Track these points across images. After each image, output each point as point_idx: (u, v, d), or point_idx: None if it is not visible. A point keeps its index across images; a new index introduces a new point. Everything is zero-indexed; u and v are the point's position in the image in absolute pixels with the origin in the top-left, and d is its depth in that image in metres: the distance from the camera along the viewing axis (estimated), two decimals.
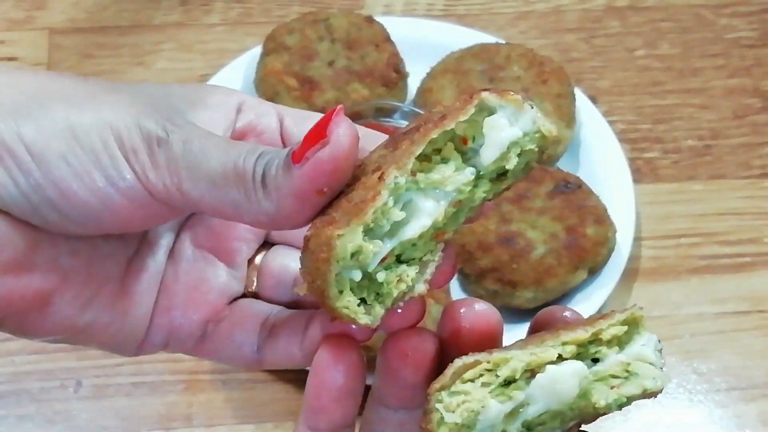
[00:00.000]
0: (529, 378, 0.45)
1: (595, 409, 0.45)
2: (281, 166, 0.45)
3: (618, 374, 0.46)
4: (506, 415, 0.45)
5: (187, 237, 0.54)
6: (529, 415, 0.45)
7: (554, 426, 0.46)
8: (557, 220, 0.90)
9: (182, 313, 0.53)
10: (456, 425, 0.45)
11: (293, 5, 1.17)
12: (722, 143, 1.07)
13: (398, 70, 1.01)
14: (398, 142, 0.46)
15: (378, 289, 0.45)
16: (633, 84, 1.12)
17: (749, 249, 0.99)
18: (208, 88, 0.54)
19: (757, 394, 0.90)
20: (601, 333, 0.46)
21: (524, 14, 1.18)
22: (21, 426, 0.88)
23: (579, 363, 0.46)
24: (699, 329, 0.94)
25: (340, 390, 0.48)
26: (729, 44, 1.16)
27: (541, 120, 0.47)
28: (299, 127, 0.54)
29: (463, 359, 0.46)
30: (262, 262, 0.56)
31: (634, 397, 0.46)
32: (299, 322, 0.53)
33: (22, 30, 1.12)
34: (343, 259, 0.44)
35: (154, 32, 1.13)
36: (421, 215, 0.45)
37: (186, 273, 0.54)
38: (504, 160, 0.46)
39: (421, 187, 0.45)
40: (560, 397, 0.45)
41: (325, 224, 0.45)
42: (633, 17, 1.18)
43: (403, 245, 0.45)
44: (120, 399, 0.89)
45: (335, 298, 0.44)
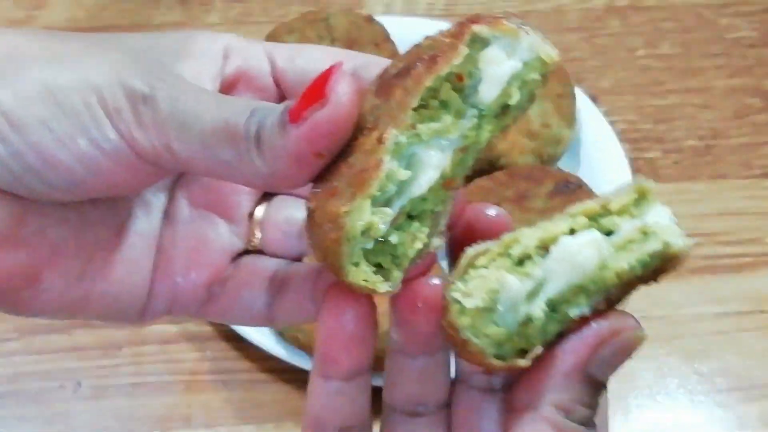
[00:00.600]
0: (545, 254, 0.43)
1: (619, 277, 0.43)
2: (276, 124, 0.42)
3: (636, 239, 0.44)
4: (528, 295, 0.43)
5: (182, 196, 0.52)
6: (551, 293, 0.43)
7: (580, 303, 0.44)
8: None
9: (184, 277, 0.51)
10: (477, 310, 0.43)
11: (293, 4, 1.17)
12: (723, 143, 1.07)
13: None
14: (391, 89, 0.43)
15: (393, 251, 0.43)
16: (634, 84, 1.12)
17: (750, 249, 0.99)
18: (192, 35, 0.51)
19: (759, 394, 0.90)
20: (609, 203, 0.44)
21: (525, 14, 1.18)
22: (20, 427, 0.88)
23: (594, 231, 0.44)
24: (700, 329, 0.94)
25: (350, 338, 0.46)
26: (730, 44, 1.16)
27: (541, 45, 0.43)
28: (292, 65, 0.51)
29: (474, 247, 0.44)
30: (263, 215, 0.53)
31: (657, 255, 0.43)
32: (308, 274, 0.50)
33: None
34: (353, 237, 0.41)
35: (154, 31, 1.13)
36: (427, 169, 0.43)
37: (185, 234, 0.51)
38: (506, 95, 0.44)
39: (424, 139, 0.42)
40: (580, 268, 0.43)
41: (327, 195, 0.42)
42: (634, 17, 1.18)
43: (412, 202, 0.43)
44: (119, 399, 0.89)
45: (352, 273, 0.42)
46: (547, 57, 0.43)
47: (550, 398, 0.43)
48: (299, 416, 0.89)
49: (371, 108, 0.43)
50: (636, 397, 0.89)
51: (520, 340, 0.44)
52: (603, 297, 0.44)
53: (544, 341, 0.44)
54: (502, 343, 0.44)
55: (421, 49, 0.44)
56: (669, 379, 0.90)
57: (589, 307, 0.44)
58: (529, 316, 0.43)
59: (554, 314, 0.44)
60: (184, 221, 0.52)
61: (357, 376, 0.47)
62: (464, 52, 0.42)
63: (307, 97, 0.42)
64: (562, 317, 0.44)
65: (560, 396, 0.43)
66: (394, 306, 0.47)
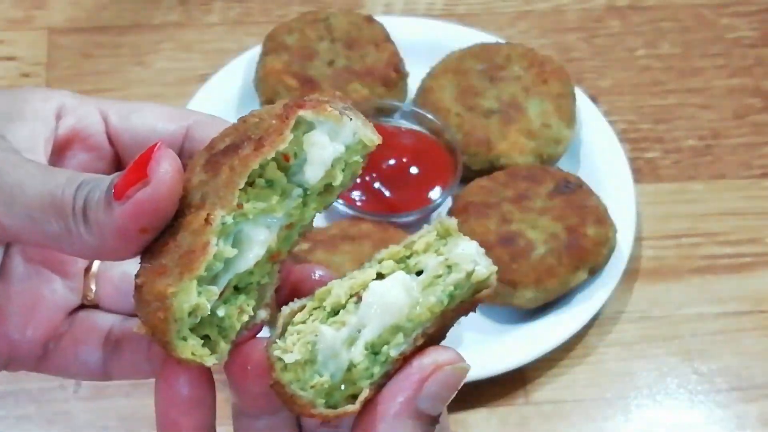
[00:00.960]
0: (357, 302, 0.46)
1: (431, 312, 0.45)
2: (102, 200, 0.44)
3: (441, 274, 0.46)
4: (346, 342, 0.45)
5: (17, 252, 0.52)
6: (368, 337, 0.45)
7: (399, 342, 0.45)
8: (558, 220, 0.90)
9: (20, 334, 0.51)
10: (298, 364, 0.45)
11: (293, 5, 1.17)
12: (723, 143, 1.07)
13: (398, 69, 1.01)
14: (218, 165, 0.45)
15: (220, 323, 0.45)
16: (633, 84, 1.12)
17: (750, 249, 0.99)
18: (24, 95, 0.51)
19: (758, 394, 0.90)
20: (414, 244, 0.47)
21: (524, 14, 1.18)
22: (20, 426, 0.88)
23: (399, 272, 0.46)
24: (700, 329, 0.94)
25: (187, 402, 0.47)
26: (730, 44, 1.16)
27: (362, 130, 0.46)
28: (126, 123, 0.52)
29: (289, 306, 0.46)
30: (99, 270, 0.53)
31: (462, 285, 0.46)
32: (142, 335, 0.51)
33: (21, 29, 1.12)
34: (180, 318, 0.43)
35: (154, 32, 1.13)
36: (253, 246, 0.45)
37: (19, 291, 0.51)
38: (330, 177, 0.45)
39: (250, 218, 0.44)
40: (392, 310, 0.45)
41: (156, 273, 0.44)
42: (633, 17, 1.18)
43: (239, 276, 0.45)
44: (119, 399, 0.89)
45: (180, 348, 0.44)
46: (368, 141, 0.46)
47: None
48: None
49: (199, 183, 0.45)
50: (636, 397, 0.89)
51: (348, 387, 0.46)
52: (421, 333, 0.46)
53: (372, 384, 0.45)
54: (331, 391, 0.45)
55: (248, 125, 0.46)
56: (669, 379, 0.90)
57: (408, 344, 0.45)
58: (352, 362, 0.45)
59: (376, 356, 0.45)
60: (19, 278, 0.52)
61: None
62: (289, 137, 0.44)
63: (130, 175, 0.44)
64: (385, 358, 0.45)
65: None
66: (226, 371, 0.48)
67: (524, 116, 0.98)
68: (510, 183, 0.93)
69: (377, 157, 0.94)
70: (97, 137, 0.51)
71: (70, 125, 0.51)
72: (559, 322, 0.89)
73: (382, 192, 0.93)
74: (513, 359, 0.87)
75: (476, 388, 0.87)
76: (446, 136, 0.97)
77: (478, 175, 0.96)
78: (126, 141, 0.52)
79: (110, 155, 0.52)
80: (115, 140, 0.52)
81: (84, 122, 0.51)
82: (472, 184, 0.95)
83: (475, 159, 0.97)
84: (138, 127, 0.51)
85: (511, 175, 0.94)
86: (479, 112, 0.98)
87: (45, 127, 0.50)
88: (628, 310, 0.94)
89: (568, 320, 0.89)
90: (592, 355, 0.91)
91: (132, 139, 0.51)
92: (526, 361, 0.87)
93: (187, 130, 0.51)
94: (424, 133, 0.98)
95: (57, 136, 0.51)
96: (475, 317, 0.89)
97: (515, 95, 0.99)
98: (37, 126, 0.50)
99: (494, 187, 0.93)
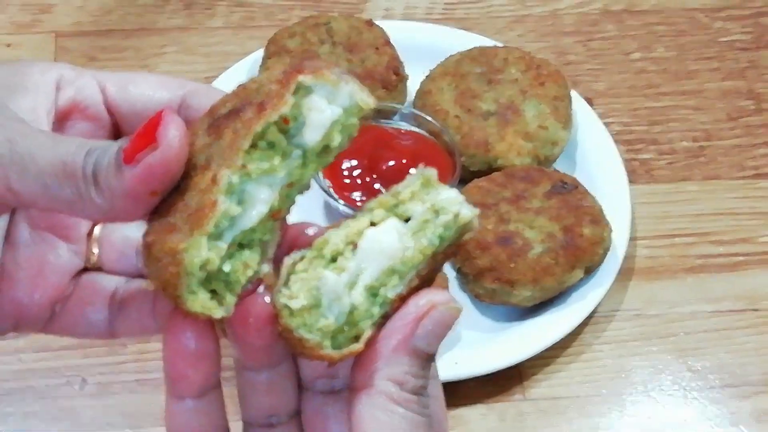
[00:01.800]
0: (354, 249, 0.48)
1: (423, 254, 0.48)
2: (112, 165, 0.46)
3: (430, 218, 0.49)
4: (347, 286, 0.48)
5: (22, 219, 0.54)
6: (367, 280, 0.48)
7: (395, 284, 0.48)
8: (554, 220, 0.91)
9: (28, 298, 0.53)
10: (304, 308, 0.47)
11: (295, 9, 1.17)
12: (716, 144, 1.08)
13: (398, 72, 1.02)
14: (221, 129, 0.47)
15: (226, 278, 0.47)
16: (629, 86, 1.13)
17: (743, 248, 1.00)
18: (23, 68, 0.52)
19: (752, 391, 0.91)
20: (399, 194, 0.50)
21: (522, 18, 1.19)
22: (26, 423, 0.88)
23: (392, 219, 0.49)
24: (694, 327, 0.94)
25: (194, 355, 0.49)
26: (723, 47, 1.17)
27: (359, 93, 0.48)
28: (124, 94, 0.53)
29: (291, 256, 0.49)
30: (101, 234, 0.55)
31: (451, 226, 0.48)
32: (148, 293, 0.53)
33: (28, 33, 1.13)
34: (191, 272, 0.45)
35: (158, 35, 1.14)
36: (256, 203, 0.47)
37: (26, 258, 0.53)
38: (328, 138, 0.48)
39: (254, 178, 0.47)
40: (387, 254, 0.48)
41: (165, 231, 0.46)
42: (629, 21, 1.19)
43: (243, 233, 0.47)
44: (125, 396, 0.89)
45: (190, 301, 0.46)
46: (364, 103, 0.48)
47: (383, 374, 0.47)
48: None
49: (203, 146, 0.47)
50: (630, 394, 0.90)
51: (351, 329, 0.48)
52: (416, 275, 0.48)
53: (372, 324, 0.48)
54: (336, 334, 0.48)
55: (248, 91, 0.48)
56: (663, 376, 0.91)
57: (404, 286, 0.48)
58: (353, 305, 0.48)
59: (375, 298, 0.48)
60: (26, 244, 0.53)
61: (208, 391, 0.50)
62: (291, 101, 0.47)
63: (139, 140, 0.46)
64: (383, 299, 0.48)
65: (392, 370, 0.46)
66: (228, 326, 0.50)
67: (521, 118, 0.99)
68: (507, 184, 0.94)
69: (377, 159, 0.96)
70: (96, 107, 0.53)
71: (70, 96, 0.53)
72: (556, 320, 0.90)
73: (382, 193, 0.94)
74: (510, 356, 0.88)
75: (474, 385, 0.88)
76: (445, 137, 0.98)
77: (477, 176, 0.97)
78: (124, 110, 0.54)
79: (109, 125, 0.54)
80: (114, 110, 0.54)
81: (83, 93, 0.53)
82: (470, 184, 0.96)
83: (473, 160, 0.98)
84: (135, 96, 0.53)
85: (509, 176, 0.95)
86: (477, 115, 0.99)
87: (46, 99, 0.52)
88: (623, 309, 0.95)
89: (564, 318, 0.90)
90: (588, 352, 0.92)
91: (130, 109, 0.53)
92: (523, 358, 0.88)
93: (182, 99, 0.53)
94: (424, 135, 0.99)
95: (57, 107, 0.52)
96: (473, 315, 0.91)
97: (512, 98, 1.00)
98: (39, 97, 0.51)
99: (492, 187, 0.94)
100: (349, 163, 0.95)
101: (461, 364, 0.86)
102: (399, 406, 0.46)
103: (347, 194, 0.94)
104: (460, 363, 0.86)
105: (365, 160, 0.96)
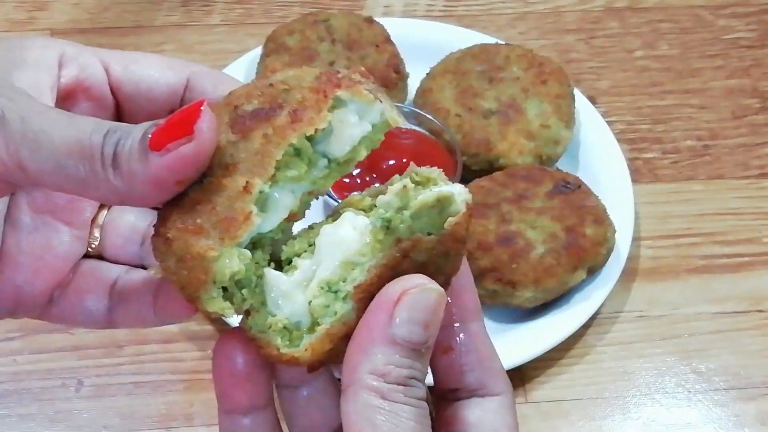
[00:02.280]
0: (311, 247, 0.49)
1: (379, 241, 0.47)
2: (136, 149, 0.45)
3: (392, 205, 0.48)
4: (301, 285, 0.48)
5: (24, 202, 0.53)
6: (322, 275, 0.47)
7: (354, 278, 0.47)
8: (557, 220, 0.91)
9: (28, 283, 0.53)
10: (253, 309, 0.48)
11: (294, 6, 1.17)
12: (721, 143, 1.08)
13: (398, 70, 1.02)
14: (249, 129, 0.47)
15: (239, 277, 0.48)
16: (632, 84, 1.12)
17: (748, 249, 1.00)
18: (23, 43, 0.51)
19: (756, 393, 0.90)
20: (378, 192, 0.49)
21: (523, 15, 1.18)
22: (23, 425, 0.88)
23: (348, 212, 0.49)
24: (698, 329, 0.94)
25: (240, 376, 0.50)
26: (727, 45, 1.16)
27: (389, 111, 0.48)
28: (127, 74, 0.53)
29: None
30: (106, 219, 0.55)
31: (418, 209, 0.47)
32: (149, 285, 0.53)
33: (23, 30, 1.13)
34: (221, 281, 0.46)
35: (155, 33, 1.13)
36: (278, 209, 0.47)
37: (29, 242, 0.53)
38: (354, 152, 0.48)
39: (280, 185, 0.47)
40: (342, 247, 0.48)
41: (190, 232, 0.46)
42: (632, 18, 1.18)
43: (259, 235, 0.47)
44: (121, 398, 0.89)
45: (209, 304, 0.47)
46: (393, 121, 0.48)
47: (364, 368, 0.46)
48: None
49: (228, 144, 0.47)
50: (635, 396, 0.90)
51: (312, 326, 0.48)
52: (375, 265, 0.47)
53: (336, 321, 0.47)
54: (293, 332, 0.48)
55: (275, 90, 0.47)
56: (667, 378, 0.91)
57: (364, 276, 0.47)
58: (309, 301, 0.47)
59: (336, 294, 0.47)
60: (28, 229, 0.53)
61: (256, 411, 0.51)
62: (328, 117, 0.46)
63: (172, 128, 0.45)
64: (345, 294, 0.47)
65: (372, 363, 0.46)
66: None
67: (523, 117, 0.98)
68: (509, 183, 0.94)
69: (378, 158, 0.95)
70: (100, 87, 0.52)
71: (74, 75, 0.51)
72: (558, 322, 0.90)
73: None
74: (512, 358, 0.87)
75: None
76: (446, 136, 0.97)
77: (478, 176, 0.96)
78: (128, 91, 0.53)
79: (113, 105, 0.53)
80: (117, 90, 0.53)
81: (87, 72, 0.52)
82: (471, 184, 0.95)
83: (474, 159, 0.97)
84: (140, 76, 0.53)
85: (511, 176, 0.95)
86: (479, 113, 0.99)
87: (49, 76, 0.50)
88: (626, 310, 0.94)
89: (566, 320, 0.90)
90: (591, 354, 0.91)
91: (134, 89, 0.52)
92: (525, 360, 0.87)
93: (187, 80, 0.52)
94: (425, 134, 0.98)
95: (60, 85, 0.51)
96: None
97: (514, 96, 1.00)
98: (41, 74, 0.50)
99: (493, 187, 0.94)
100: None
101: None
102: (383, 399, 0.45)
103: (347, 194, 0.93)
104: None
105: (365, 159, 0.95)
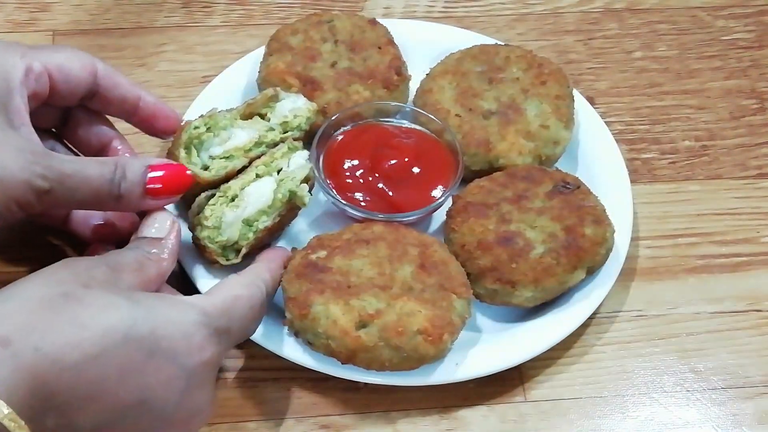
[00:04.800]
0: (243, 191, 0.84)
1: (282, 203, 0.85)
2: (138, 195, 0.75)
3: (285, 178, 0.86)
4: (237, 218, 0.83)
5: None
6: (246, 215, 0.83)
7: (264, 220, 0.84)
8: (556, 220, 0.91)
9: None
10: (211, 228, 0.82)
11: (294, 7, 1.17)
12: (719, 144, 1.08)
13: (400, 72, 1.02)
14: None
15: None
16: (630, 85, 1.13)
17: (746, 249, 1.00)
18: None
19: (754, 392, 0.90)
20: (275, 153, 0.87)
21: (523, 16, 1.19)
22: None
23: (268, 177, 0.85)
24: (696, 328, 0.94)
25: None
26: (726, 46, 1.17)
27: (304, 102, 0.93)
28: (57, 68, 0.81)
29: (204, 194, 0.84)
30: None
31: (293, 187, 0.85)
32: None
33: (25, 31, 1.13)
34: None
35: (156, 34, 1.14)
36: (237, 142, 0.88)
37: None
38: (287, 119, 0.91)
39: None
40: (261, 200, 0.84)
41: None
42: (630, 19, 1.19)
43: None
44: None
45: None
46: (306, 107, 0.96)
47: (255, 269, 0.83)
48: (301, 414, 0.90)
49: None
50: (633, 395, 0.90)
51: (234, 245, 0.84)
52: (277, 214, 0.85)
53: (247, 244, 0.84)
54: (226, 247, 0.83)
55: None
56: (665, 377, 0.91)
57: (270, 221, 0.84)
58: (239, 230, 0.83)
59: (250, 227, 0.83)
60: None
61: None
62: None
63: (168, 186, 0.77)
64: (256, 228, 0.84)
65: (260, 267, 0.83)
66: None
67: (523, 117, 0.99)
68: (509, 183, 0.94)
69: (379, 158, 0.95)
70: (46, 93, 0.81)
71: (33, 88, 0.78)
72: (557, 321, 0.90)
73: (385, 191, 0.93)
74: (511, 357, 0.87)
75: (475, 386, 0.88)
76: (447, 136, 0.98)
77: (478, 176, 0.96)
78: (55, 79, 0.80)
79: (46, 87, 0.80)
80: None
81: (41, 83, 0.78)
82: (471, 184, 0.95)
83: (474, 159, 0.97)
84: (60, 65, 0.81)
85: (510, 176, 0.95)
86: (478, 113, 0.99)
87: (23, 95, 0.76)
88: (625, 309, 0.95)
89: (565, 319, 0.90)
90: (590, 353, 0.92)
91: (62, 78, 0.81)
92: (524, 360, 0.88)
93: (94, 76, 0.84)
94: (426, 134, 0.99)
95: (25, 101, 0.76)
96: (474, 316, 0.90)
97: (514, 97, 1.00)
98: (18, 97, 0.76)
99: (493, 187, 0.94)
100: (351, 163, 0.95)
101: (462, 366, 0.86)
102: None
103: (350, 194, 0.93)
104: (460, 364, 0.86)
105: (367, 159, 0.95)
